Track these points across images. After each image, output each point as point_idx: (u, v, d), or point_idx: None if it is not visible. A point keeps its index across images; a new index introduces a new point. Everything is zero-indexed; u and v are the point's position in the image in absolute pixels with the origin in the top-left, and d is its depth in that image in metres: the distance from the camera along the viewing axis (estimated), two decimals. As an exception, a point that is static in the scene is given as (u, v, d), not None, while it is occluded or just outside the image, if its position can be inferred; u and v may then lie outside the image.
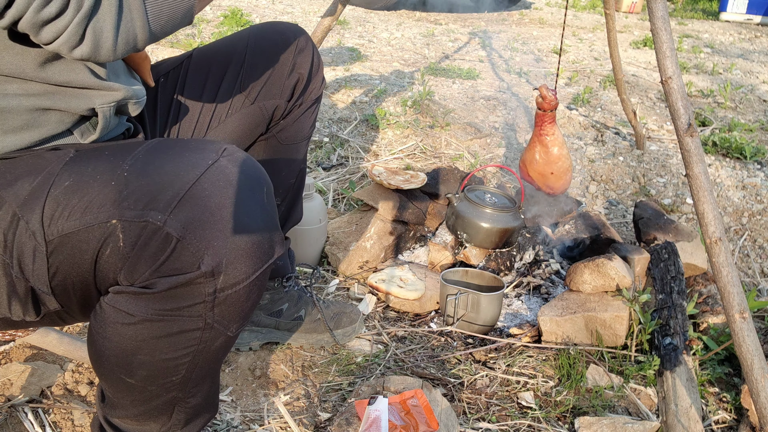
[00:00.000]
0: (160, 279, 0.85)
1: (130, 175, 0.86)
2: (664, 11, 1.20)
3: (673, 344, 1.59)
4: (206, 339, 0.92)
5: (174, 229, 0.83)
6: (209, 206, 0.85)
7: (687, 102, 1.21)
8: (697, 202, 1.22)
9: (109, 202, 0.84)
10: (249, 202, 0.89)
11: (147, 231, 0.83)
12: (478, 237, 1.97)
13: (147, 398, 0.99)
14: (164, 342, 0.91)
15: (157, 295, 0.86)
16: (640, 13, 8.56)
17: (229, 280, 0.87)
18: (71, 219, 0.85)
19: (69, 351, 1.41)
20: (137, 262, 0.85)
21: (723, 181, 2.87)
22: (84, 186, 0.86)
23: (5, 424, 1.35)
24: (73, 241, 0.85)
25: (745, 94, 4.33)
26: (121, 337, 0.91)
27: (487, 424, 1.43)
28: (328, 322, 1.67)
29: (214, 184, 0.86)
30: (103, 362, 0.96)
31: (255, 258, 0.89)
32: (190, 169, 0.86)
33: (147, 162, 0.88)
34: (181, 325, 0.89)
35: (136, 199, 0.84)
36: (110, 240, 0.84)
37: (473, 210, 1.96)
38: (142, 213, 0.83)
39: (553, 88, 1.97)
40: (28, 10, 0.77)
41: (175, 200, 0.84)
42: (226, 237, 0.85)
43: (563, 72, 4.58)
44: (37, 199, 0.86)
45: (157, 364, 0.93)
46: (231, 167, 0.89)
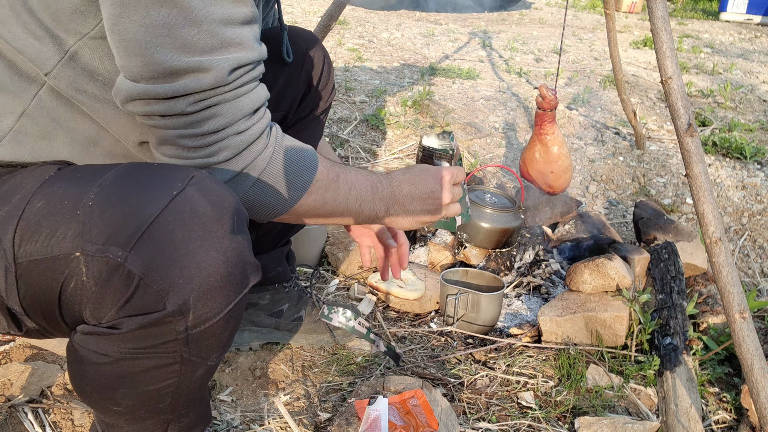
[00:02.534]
0: (126, 319, 0.81)
1: (94, 204, 0.80)
2: (664, 11, 1.20)
3: (673, 344, 1.59)
4: (186, 371, 0.89)
5: (135, 267, 0.78)
6: (173, 241, 0.79)
7: (687, 102, 1.21)
8: (697, 202, 1.22)
9: (73, 232, 0.79)
10: (216, 234, 0.82)
11: (108, 267, 0.78)
12: (478, 237, 1.97)
13: (138, 419, 0.97)
14: (143, 376, 0.87)
15: (126, 335, 0.82)
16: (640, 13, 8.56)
17: (200, 317, 0.83)
18: (38, 245, 0.81)
19: (69, 351, 1.41)
20: (102, 299, 0.81)
21: (723, 181, 2.87)
22: (52, 212, 0.82)
23: (5, 424, 1.35)
24: (39, 269, 0.81)
25: (745, 94, 4.33)
26: (99, 375, 0.88)
27: (487, 424, 1.43)
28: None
29: (179, 217, 0.80)
30: (86, 395, 0.94)
31: (226, 292, 0.84)
32: (154, 200, 0.80)
33: (111, 191, 0.82)
34: (157, 362, 0.86)
35: (98, 232, 0.78)
36: (74, 273, 0.80)
37: (473, 210, 1.96)
38: (103, 248, 0.78)
39: (553, 88, 1.97)
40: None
41: (137, 235, 0.78)
42: (191, 273, 0.80)
43: (563, 72, 4.58)
44: (12, 218, 0.82)
45: (141, 395, 0.90)
46: (197, 197, 0.82)
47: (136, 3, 0.77)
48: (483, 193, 2.07)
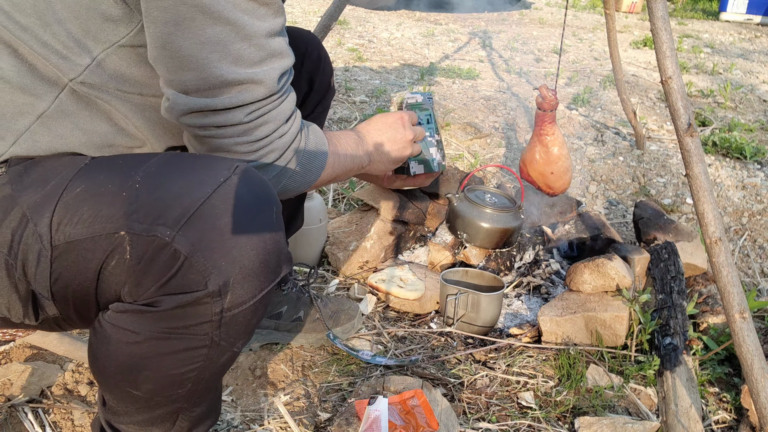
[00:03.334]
0: (166, 297, 0.83)
1: (141, 187, 0.84)
2: (664, 11, 1.20)
3: (673, 344, 1.59)
4: (212, 356, 0.91)
5: (182, 246, 0.81)
6: (218, 225, 0.83)
7: (687, 102, 1.21)
8: (697, 202, 1.22)
9: (118, 213, 0.82)
10: (258, 222, 0.87)
11: (154, 246, 0.81)
12: (478, 237, 1.97)
13: (152, 407, 0.98)
14: (170, 359, 0.89)
15: (163, 313, 0.84)
16: (640, 13, 8.56)
17: (235, 300, 0.86)
18: (79, 226, 0.83)
19: (69, 351, 1.41)
20: (143, 277, 0.83)
21: (723, 181, 2.87)
22: (95, 195, 0.85)
23: (5, 424, 1.35)
24: (78, 249, 0.84)
25: (745, 94, 4.33)
26: (126, 354, 0.89)
27: (487, 424, 1.43)
28: (326, 320, 1.68)
29: (225, 203, 0.84)
30: (107, 376, 0.95)
31: (262, 278, 0.88)
32: (201, 185, 0.85)
33: (159, 175, 0.86)
34: (188, 344, 0.88)
35: (145, 213, 0.82)
36: (117, 252, 0.82)
37: (473, 210, 1.96)
38: (150, 227, 0.81)
39: (553, 88, 1.97)
40: None
41: (185, 217, 0.82)
42: (234, 256, 0.84)
43: (563, 72, 4.58)
44: (48, 204, 0.85)
45: (163, 379, 0.92)
46: (242, 186, 0.87)
47: (191, 22, 0.82)
48: (483, 193, 2.06)
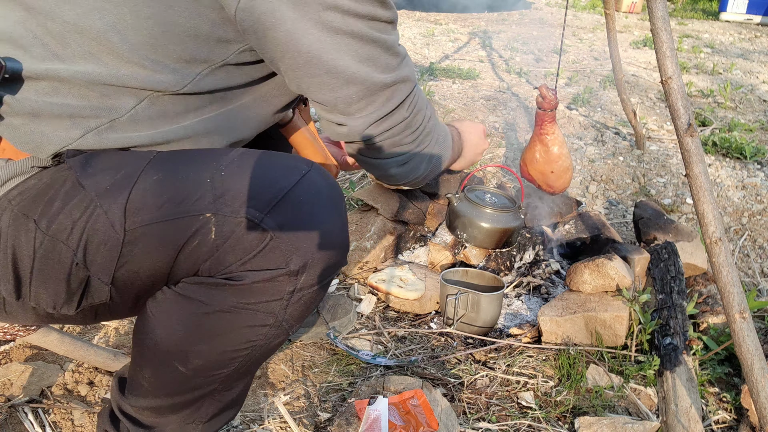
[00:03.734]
0: (248, 272, 0.89)
1: (227, 175, 0.91)
2: (664, 11, 1.20)
3: (673, 344, 1.59)
4: (270, 336, 0.96)
5: (270, 227, 0.89)
6: (302, 211, 0.92)
7: (687, 102, 1.21)
8: (697, 202, 1.22)
9: (204, 197, 0.89)
10: (333, 213, 0.96)
11: (242, 226, 0.88)
12: (478, 237, 1.96)
13: (187, 389, 1.00)
14: (230, 335, 0.94)
15: (241, 287, 0.90)
16: (640, 13, 8.56)
17: (307, 281, 0.93)
18: (160, 210, 0.88)
19: (69, 351, 1.41)
20: (227, 255, 0.89)
21: (723, 181, 2.87)
22: (177, 181, 0.90)
23: (5, 424, 1.35)
24: (157, 232, 0.88)
25: (745, 94, 4.33)
26: (189, 325, 0.93)
27: (487, 424, 1.43)
28: (324, 314, 1.69)
29: (307, 193, 0.93)
30: (158, 349, 0.97)
31: (331, 264, 0.95)
32: (286, 176, 0.93)
33: (243, 166, 0.93)
34: (253, 320, 0.93)
35: (233, 197, 0.89)
36: (201, 232, 0.88)
37: (473, 210, 1.96)
38: (239, 209, 0.88)
39: (553, 88, 1.97)
40: None
41: (273, 201, 0.90)
42: (313, 241, 0.92)
43: (563, 72, 4.58)
44: (122, 190, 0.88)
45: (216, 355, 0.96)
46: (320, 180, 0.96)
47: (347, 47, 0.96)
48: (483, 193, 2.06)
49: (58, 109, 0.92)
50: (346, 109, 1.02)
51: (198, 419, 1.07)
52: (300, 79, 0.99)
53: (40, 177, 0.92)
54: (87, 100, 0.92)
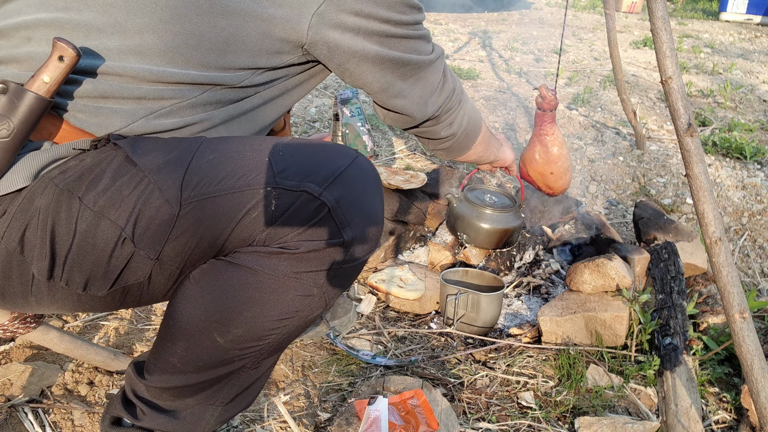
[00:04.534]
0: (303, 242, 0.94)
1: (286, 154, 0.97)
2: (664, 11, 1.20)
3: (673, 344, 1.59)
4: (311, 307, 1.00)
5: (328, 200, 0.95)
6: (356, 189, 0.99)
7: (687, 102, 1.21)
8: (697, 202, 1.22)
9: (264, 172, 0.95)
10: (377, 196, 1.03)
11: (302, 199, 0.94)
12: (478, 238, 1.96)
13: (218, 363, 1.01)
14: (275, 302, 0.97)
15: (296, 255, 0.94)
16: (640, 13, 8.56)
17: (354, 254, 0.99)
18: (219, 185, 0.93)
19: (69, 350, 1.41)
20: (285, 225, 0.94)
21: (723, 181, 2.87)
22: (235, 159, 0.96)
23: (5, 424, 1.35)
24: (215, 204, 0.93)
25: (745, 94, 4.33)
26: (234, 292, 0.96)
27: (487, 424, 1.43)
28: (324, 314, 1.69)
29: (358, 173, 1.00)
30: (200, 318, 0.98)
31: (373, 241, 1.02)
32: (339, 158, 1.00)
33: (299, 148, 1.00)
34: (299, 289, 0.97)
35: (294, 172, 0.95)
36: (260, 204, 0.93)
37: (473, 210, 1.96)
38: (299, 183, 0.94)
39: (553, 88, 1.97)
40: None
41: (331, 178, 0.96)
42: (363, 216, 0.98)
43: (563, 72, 4.58)
44: (177, 168, 0.93)
45: (257, 324, 0.98)
46: (367, 165, 1.03)
47: (414, 86, 1.22)
48: (483, 192, 2.06)
49: (129, 92, 0.98)
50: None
51: (219, 401, 1.07)
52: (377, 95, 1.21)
53: (82, 158, 0.95)
54: (156, 87, 0.99)
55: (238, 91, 1.07)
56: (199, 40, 0.99)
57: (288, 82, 1.14)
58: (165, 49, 0.99)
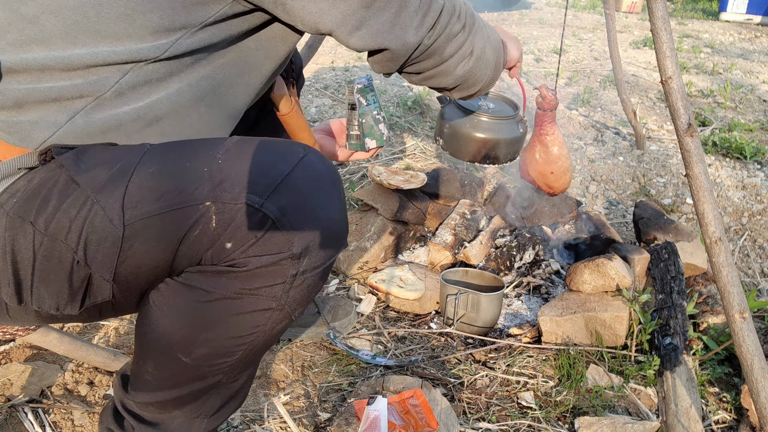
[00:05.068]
0: (251, 258, 0.89)
1: (225, 162, 0.90)
2: (664, 11, 1.20)
3: (673, 344, 1.58)
4: (274, 320, 0.95)
5: (270, 212, 0.88)
6: (302, 194, 0.91)
7: (687, 102, 1.21)
8: (697, 202, 1.22)
9: (203, 185, 0.88)
10: (332, 195, 0.95)
11: (243, 213, 0.88)
12: (469, 148, 1.68)
13: (190, 380, 1.00)
14: (233, 321, 0.93)
15: (244, 273, 0.89)
16: (640, 13, 8.56)
17: (310, 264, 0.93)
18: (158, 202, 0.87)
19: (69, 351, 1.41)
20: (228, 242, 0.89)
21: (723, 181, 2.87)
22: (174, 171, 0.89)
23: (5, 424, 1.35)
24: (157, 224, 0.87)
25: (745, 94, 4.33)
26: (192, 314, 0.93)
27: (487, 424, 1.43)
28: (325, 315, 1.69)
29: (306, 176, 0.92)
30: (161, 340, 0.96)
31: (333, 246, 0.95)
32: (283, 160, 0.92)
33: (240, 153, 0.92)
34: (257, 305, 0.92)
35: (232, 184, 0.88)
36: (201, 221, 0.87)
37: (464, 118, 1.68)
38: (239, 196, 0.88)
39: (553, 88, 1.97)
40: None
41: (273, 186, 0.89)
42: (314, 223, 0.91)
43: (563, 72, 4.58)
44: (118, 185, 0.87)
45: (220, 342, 0.95)
46: (318, 163, 0.95)
47: (382, 11, 0.97)
48: (478, 98, 1.72)
49: (43, 94, 0.90)
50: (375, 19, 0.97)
51: (204, 413, 1.06)
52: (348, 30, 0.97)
53: (30, 178, 0.90)
54: (70, 81, 0.90)
55: (168, 66, 0.94)
56: (100, 8, 0.88)
57: (237, 49, 1.00)
58: (67, 29, 0.89)
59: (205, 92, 1.00)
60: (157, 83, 0.95)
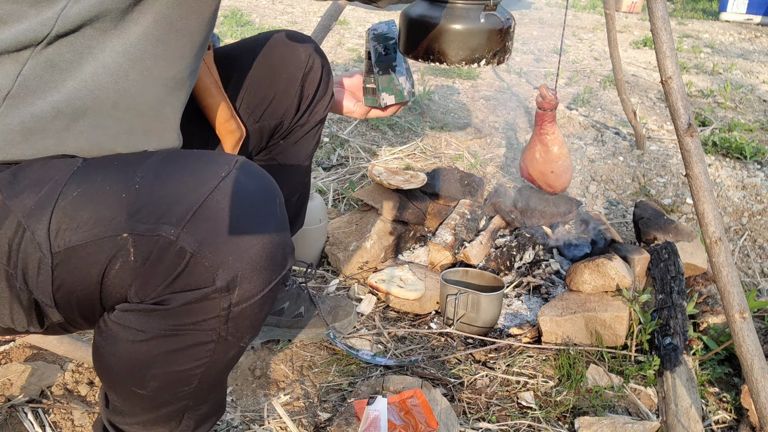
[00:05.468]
0: (174, 295, 0.83)
1: (142, 187, 0.83)
2: (664, 11, 1.20)
3: (673, 344, 1.58)
4: (219, 351, 0.91)
5: (188, 244, 0.81)
6: (224, 220, 0.83)
7: (687, 102, 1.21)
8: (697, 202, 1.22)
9: (119, 215, 0.81)
10: (263, 215, 0.87)
11: (160, 245, 0.81)
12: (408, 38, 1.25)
13: (158, 406, 0.98)
14: (177, 355, 0.89)
15: (171, 311, 0.84)
16: (640, 13, 8.55)
17: (243, 294, 0.85)
18: (79, 231, 0.81)
19: (69, 351, 1.41)
20: (149, 278, 0.83)
21: (723, 181, 2.87)
22: (93, 197, 0.83)
23: (5, 424, 1.35)
24: (80, 254, 0.82)
25: (745, 94, 4.33)
26: (132, 353, 0.89)
27: (487, 424, 1.43)
28: (325, 316, 1.69)
29: (228, 197, 0.84)
30: (113, 376, 0.94)
31: (269, 270, 0.87)
32: (204, 181, 0.84)
33: (159, 174, 0.85)
34: (195, 340, 0.88)
35: (148, 212, 0.81)
36: (120, 254, 0.82)
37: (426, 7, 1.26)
38: (154, 227, 0.81)
39: (553, 88, 1.97)
40: None
41: (189, 214, 0.81)
42: (240, 251, 0.83)
43: (563, 72, 4.58)
44: (44, 210, 0.82)
45: (170, 376, 0.91)
46: (245, 179, 0.87)
47: None
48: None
49: None
50: None
51: (186, 429, 1.05)
52: None
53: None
54: None
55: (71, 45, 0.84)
56: None
57: (150, 11, 0.88)
58: None
59: (125, 71, 0.88)
60: (67, 69, 0.85)
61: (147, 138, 0.94)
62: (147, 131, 0.94)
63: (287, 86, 1.37)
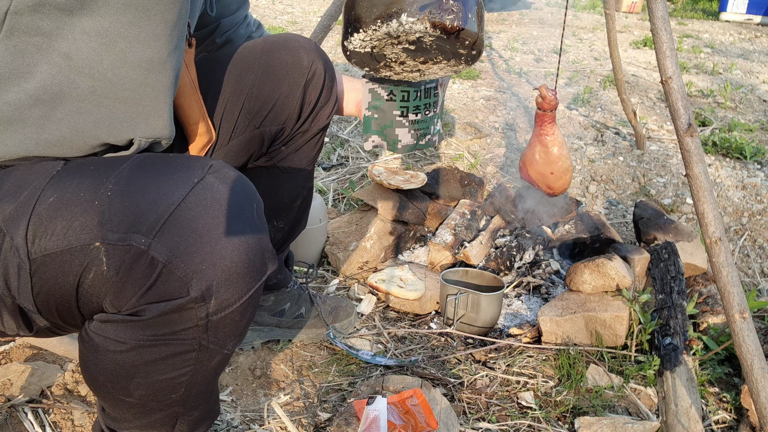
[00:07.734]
0: (149, 305, 0.81)
1: (114, 194, 0.81)
2: (664, 11, 1.20)
3: (673, 344, 1.59)
4: (202, 359, 0.89)
5: (159, 254, 0.79)
6: (196, 228, 0.80)
7: (687, 102, 1.21)
8: (697, 202, 1.22)
9: (91, 223, 0.80)
10: (238, 221, 0.84)
11: (131, 255, 0.79)
12: None
13: (148, 412, 0.97)
14: (160, 364, 0.88)
15: (148, 322, 0.83)
16: (640, 13, 8.55)
17: (221, 303, 0.84)
18: (53, 239, 0.80)
19: (69, 351, 1.41)
20: (123, 288, 0.81)
21: (723, 181, 2.87)
22: (67, 204, 0.81)
23: (5, 424, 1.35)
24: (55, 262, 0.81)
25: (745, 94, 4.33)
26: (114, 363, 0.88)
27: (487, 424, 1.43)
28: (325, 317, 1.69)
29: (201, 204, 0.82)
30: (99, 385, 0.94)
31: (247, 278, 0.85)
32: (175, 188, 0.82)
33: (131, 181, 0.83)
34: (175, 349, 0.86)
35: (119, 221, 0.79)
36: (93, 264, 0.80)
37: None
38: (125, 236, 0.79)
39: (553, 88, 1.97)
40: None
41: (159, 222, 0.79)
42: (214, 259, 0.81)
43: (563, 72, 4.58)
44: (22, 215, 0.81)
45: (155, 384, 0.90)
46: (218, 185, 0.84)
47: None
48: None
49: None
50: None
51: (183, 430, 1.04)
52: None
53: None
54: None
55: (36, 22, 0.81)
56: None
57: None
58: None
59: (99, 54, 0.84)
60: (35, 51, 0.82)
61: (131, 125, 0.90)
62: (130, 117, 0.90)
63: (289, 92, 1.34)
